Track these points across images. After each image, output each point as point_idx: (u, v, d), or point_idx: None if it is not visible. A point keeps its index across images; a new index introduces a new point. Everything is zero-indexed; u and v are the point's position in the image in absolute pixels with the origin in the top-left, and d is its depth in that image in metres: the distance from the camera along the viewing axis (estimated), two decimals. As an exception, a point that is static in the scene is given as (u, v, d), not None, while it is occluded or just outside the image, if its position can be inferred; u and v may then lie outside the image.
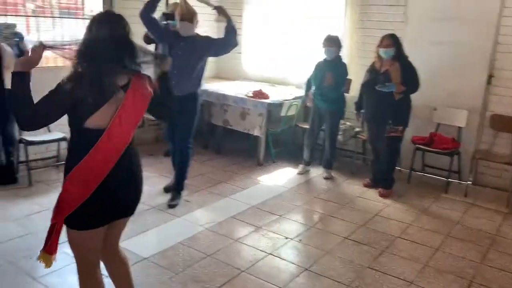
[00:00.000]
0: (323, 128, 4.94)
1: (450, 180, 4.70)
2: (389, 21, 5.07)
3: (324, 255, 3.27)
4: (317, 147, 5.26)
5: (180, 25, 3.90)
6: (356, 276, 3.03)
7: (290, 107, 5.16)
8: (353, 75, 4.86)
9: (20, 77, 1.81)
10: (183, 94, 3.93)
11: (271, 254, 3.25)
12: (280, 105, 5.10)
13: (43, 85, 1.98)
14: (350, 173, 5.12)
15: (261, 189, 4.57)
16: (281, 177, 4.92)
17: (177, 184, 4.13)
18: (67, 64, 1.87)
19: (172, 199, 4.07)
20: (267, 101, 5.04)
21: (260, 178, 4.86)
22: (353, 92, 4.91)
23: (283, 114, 5.14)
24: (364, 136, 5.03)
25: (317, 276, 3.00)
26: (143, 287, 2.75)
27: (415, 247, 3.47)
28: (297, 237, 3.54)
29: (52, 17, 4.83)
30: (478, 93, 4.69)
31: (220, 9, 4.01)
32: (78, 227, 1.96)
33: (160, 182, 4.54)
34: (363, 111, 4.68)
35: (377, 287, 2.92)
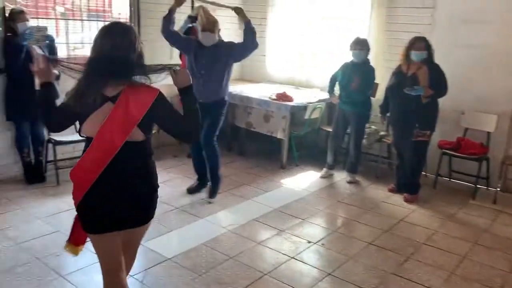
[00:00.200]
0: (347, 131, 4.89)
1: (478, 186, 4.58)
2: (416, 23, 4.98)
3: (347, 260, 3.24)
4: (341, 150, 5.21)
5: (202, 35, 3.96)
6: (379, 282, 2.98)
7: (314, 110, 5.14)
8: (379, 78, 4.79)
9: (40, 87, 1.94)
10: (210, 101, 4.02)
11: (293, 258, 3.24)
12: (304, 108, 5.08)
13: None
14: (374, 177, 5.05)
15: (284, 192, 4.56)
16: (304, 181, 4.89)
17: (213, 177, 4.22)
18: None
19: (211, 191, 4.21)
20: (291, 103, 5.02)
21: (283, 181, 4.85)
22: (379, 95, 4.84)
23: (306, 117, 5.11)
24: (389, 140, 4.96)
25: (340, 281, 2.97)
26: (166, 287, 2.78)
27: (441, 254, 3.40)
28: (320, 241, 3.51)
29: (81, 20, 4.94)
30: (508, 97, 4.56)
31: (238, 10, 4.02)
32: (84, 229, 2.03)
33: (183, 183, 4.58)
34: (388, 115, 4.62)
35: (402, 295, 2.88)
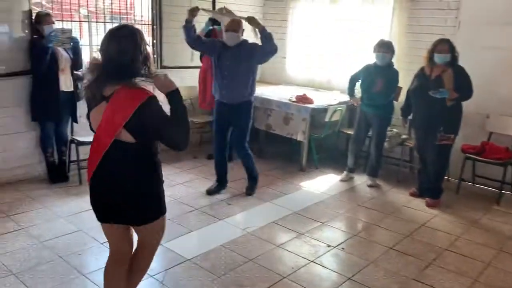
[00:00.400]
0: (368, 134, 4.84)
1: (502, 191, 4.48)
2: (440, 25, 4.91)
3: (367, 265, 3.20)
4: (362, 153, 5.16)
5: (225, 35, 3.99)
6: (401, 288, 2.94)
7: (334, 112, 5.09)
8: (400, 81, 4.71)
9: None
10: (235, 102, 4.06)
11: (313, 261, 3.21)
12: (324, 110, 5.05)
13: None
14: (395, 181, 4.98)
15: (303, 195, 4.53)
16: (323, 184, 4.86)
17: (250, 176, 4.45)
18: None
19: (249, 187, 4.43)
20: (311, 106, 5.00)
21: (302, 183, 4.82)
22: (402, 99, 4.76)
23: (327, 119, 5.08)
24: (411, 143, 4.88)
25: (360, 286, 2.93)
26: (186, 288, 2.80)
27: (464, 261, 3.32)
28: (339, 245, 3.48)
29: (104, 22, 5.01)
30: (535, 101, 4.46)
31: (250, 19, 3.99)
32: None
33: (202, 184, 4.61)
34: (410, 118, 4.55)
35: (424, 301, 2.83)
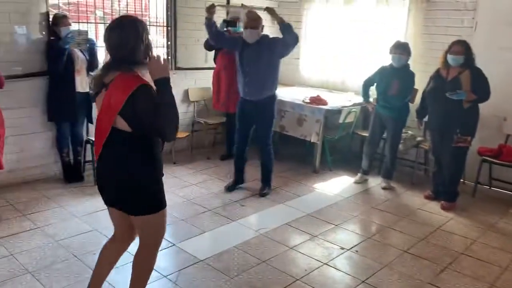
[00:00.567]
0: (383, 136, 4.80)
1: (520, 195, 4.41)
2: (456, 26, 4.85)
3: (381, 268, 3.16)
4: (376, 155, 5.11)
5: (245, 33, 4.01)
6: (416, 292, 2.91)
7: (348, 114, 5.06)
8: (416, 83, 4.65)
9: None
10: (258, 99, 4.08)
11: (326, 264, 3.19)
12: (338, 112, 5.02)
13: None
14: (410, 184, 4.93)
15: (316, 197, 4.51)
16: (337, 186, 4.83)
17: (266, 177, 4.47)
18: None
19: (262, 188, 4.43)
20: (325, 107, 4.97)
21: (315, 185, 4.80)
22: (418, 101, 4.70)
23: (341, 121, 5.05)
24: (426, 145, 4.83)
25: (374, 289, 2.91)
26: (199, 289, 2.80)
27: (480, 265, 3.27)
28: (353, 248, 3.45)
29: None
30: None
31: (271, 10, 4.03)
32: None
33: (215, 185, 4.62)
34: (425, 120, 4.50)
35: (439, 306, 2.79)
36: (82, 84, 4.30)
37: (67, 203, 4.00)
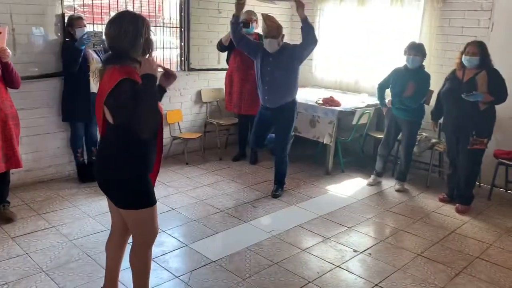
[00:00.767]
0: (398, 138, 4.75)
1: (537, 199, 4.33)
2: (472, 27, 4.78)
3: (395, 272, 3.13)
4: (390, 157, 5.06)
5: (265, 42, 4.02)
6: (430, 296, 2.87)
7: (362, 115, 5.02)
8: (431, 84, 4.59)
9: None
10: (275, 106, 4.09)
11: (339, 266, 3.17)
12: (351, 113, 4.98)
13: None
14: (424, 186, 4.87)
15: (329, 199, 4.48)
16: (350, 188, 4.79)
17: (279, 179, 4.46)
18: None
19: (275, 190, 4.43)
20: (338, 108, 4.94)
21: (328, 187, 4.77)
22: (433, 103, 4.65)
23: (354, 122, 5.01)
24: (441, 147, 4.77)
25: (388, 293, 2.88)
26: (211, 290, 2.80)
27: (496, 270, 3.21)
28: (366, 250, 3.42)
29: (133, 25, 5.08)
30: None
31: (299, 4, 3.96)
32: None
33: (228, 186, 4.62)
34: (440, 121, 4.44)
35: (454, 311, 2.74)
36: (96, 84, 4.33)
37: (81, 202, 4.03)
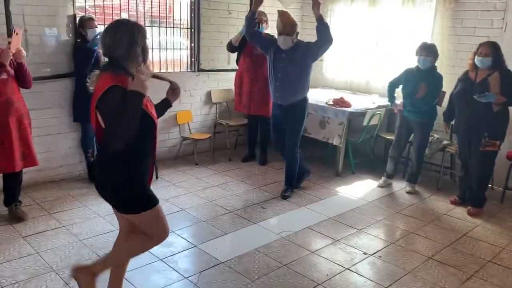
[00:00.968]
0: (409, 139, 4.70)
1: (552, 202, 4.26)
2: (485, 27, 4.72)
3: (405, 275, 3.10)
4: (401, 159, 5.01)
5: (279, 39, 4.01)
6: (441, 300, 2.83)
7: (372, 116, 4.98)
8: (444, 85, 4.54)
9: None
10: (289, 103, 4.08)
11: (348, 269, 3.14)
12: (362, 114, 4.94)
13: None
14: (435, 188, 4.82)
15: (339, 200, 4.45)
16: (360, 189, 4.76)
17: (289, 179, 4.45)
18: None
19: (285, 190, 4.42)
20: (348, 109, 4.90)
21: (338, 189, 4.74)
22: (446, 104, 4.59)
23: (365, 123, 4.97)
24: (452, 149, 4.71)
25: (398, 296, 2.85)
26: (219, 291, 2.80)
27: (509, 274, 3.16)
28: (376, 253, 3.39)
29: (143, 26, 5.11)
30: None
31: (315, 1, 3.96)
32: None
33: (237, 187, 4.62)
34: (452, 123, 4.39)
35: (465, 315, 2.71)
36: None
37: (91, 202, 4.06)
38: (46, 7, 4.14)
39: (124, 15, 4.95)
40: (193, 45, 5.49)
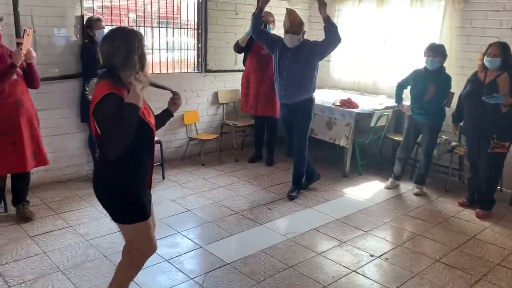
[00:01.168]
0: (417, 141, 4.67)
1: (562, 204, 4.20)
2: (494, 27, 4.67)
3: (412, 277, 3.07)
4: (408, 160, 4.97)
5: (285, 37, 4.00)
6: (448, 304, 2.81)
7: (380, 117, 4.95)
8: (452, 86, 4.50)
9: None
10: (295, 102, 4.07)
11: (354, 271, 3.13)
12: (369, 115, 4.90)
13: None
14: (443, 190, 4.77)
15: (346, 202, 4.43)
16: (367, 191, 4.73)
17: (296, 180, 4.45)
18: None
19: (291, 190, 4.42)
20: (355, 110, 4.87)
21: (345, 190, 4.72)
22: (454, 105, 4.55)
23: (372, 124, 4.94)
24: (461, 150, 4.67)
25: (405, 299, 2.83)
26: (225, 293, 2.79)
27: (518, 278, 3.13)
28: (383, 255, 3.37)
29: (151, 26, 5.13)
30: None
31: (321, 3, 3.97)
32: None
33: (243, 187, 4.61)
34: (461, 124, 4.35)
35: (473, 319, 2.68)
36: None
37: (98, 202, 3.96)
38: (54, 8, 4.16)
39: (131, 15, 4.97)
40: (200, 45, 5.50)
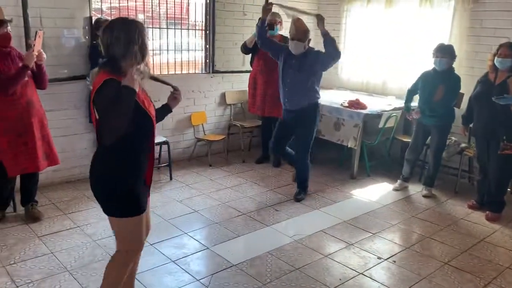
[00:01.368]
0: (426, 142, 4.62)
1: None
2: (505, 28, 4.61)
3: (420, 280, 3.04)
4: (417, 162, 4.93)
5: (291, 44, 4.00)
6: (457, 307, 2.77)
7: (389, 118, 4.91)
8: (462, 87, 4.45)
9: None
10: (296, 108, 4.06)
11: (362, 273, 3.10)
12: (378, 116, 4.87)
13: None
14: (453, 192, 4.72)
15: (353, 203, 4.40)
16: (375, 192, 4.69)
17: (301, 183, 4.43)
18: None
19: (298, 193, 4.40)
20: (364, 111, 4.84)
21: (353, 192, 4.69)
22: (464, 106, 4.50)
23: (380, 125, 4.91)
24: (470, 152, 4.62)
25: (412, 303, 2.80)
26: (231, 294, 2.78)
27: (528, 282, 3.09)
28: (391, 257, 3.34)
29: (159, 27, 5.15)
30: None
31: (320, 17, 4.00)
32: None
33: (250, 188, 4.60)
34: (471, 126, 4.30)
35: (482, 323, 2.64)
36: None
37: (105, 203, 4.08)
38: (62, 10, 4.19)
39: (140, 16, 4.99)
40: (208, 46, 5.50)
